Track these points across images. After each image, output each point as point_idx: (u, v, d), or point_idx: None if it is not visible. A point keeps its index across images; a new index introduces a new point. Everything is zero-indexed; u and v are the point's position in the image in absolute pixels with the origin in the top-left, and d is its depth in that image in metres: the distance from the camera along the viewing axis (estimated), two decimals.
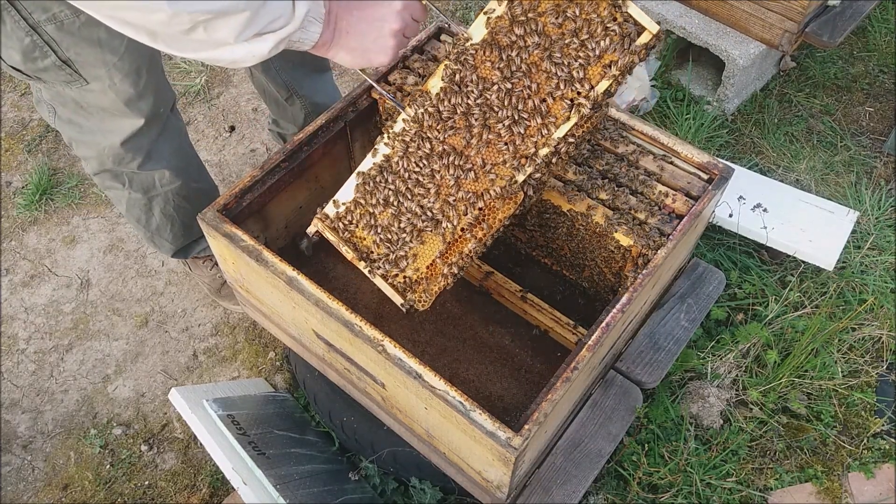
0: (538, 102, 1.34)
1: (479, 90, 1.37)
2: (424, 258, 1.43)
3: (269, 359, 2.19)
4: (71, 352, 2.24)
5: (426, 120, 1.41)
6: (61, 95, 1.59)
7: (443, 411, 1.30)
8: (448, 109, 1.39)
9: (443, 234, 1.41)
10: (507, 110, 1.36)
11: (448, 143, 1.40)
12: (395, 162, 1.44)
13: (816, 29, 2.39)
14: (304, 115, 2.27)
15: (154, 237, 2.01)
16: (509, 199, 1.40)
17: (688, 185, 1.60)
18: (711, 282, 2.00)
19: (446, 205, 1.41)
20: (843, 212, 2.24)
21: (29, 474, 2.02)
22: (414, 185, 1.42)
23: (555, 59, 1.32)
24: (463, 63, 1.38)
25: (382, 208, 1.45)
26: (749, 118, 2.64)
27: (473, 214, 1.39)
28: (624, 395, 1.82)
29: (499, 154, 1.38)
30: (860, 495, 1.83)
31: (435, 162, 1.40)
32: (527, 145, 1.36)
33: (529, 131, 1.36)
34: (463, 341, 1.79)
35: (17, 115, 2.86)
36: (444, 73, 1.39)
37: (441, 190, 1.41)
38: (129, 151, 1.73)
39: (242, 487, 1.54)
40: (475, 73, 1.37)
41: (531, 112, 1.35)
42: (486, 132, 1.37)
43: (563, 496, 1.66)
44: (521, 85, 1.35)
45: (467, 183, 1.39)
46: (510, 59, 1.35)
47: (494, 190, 1.37)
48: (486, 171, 1.38)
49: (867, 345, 2.06)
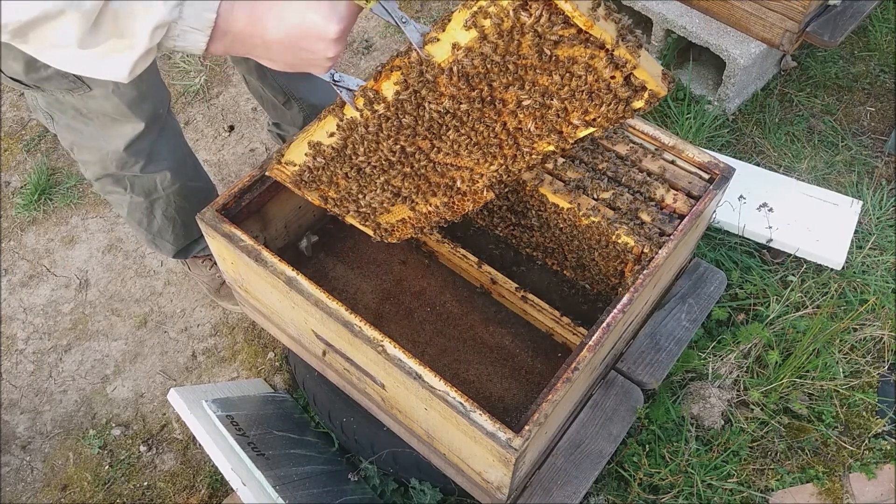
0: (509, 134, 1.21)
1: (440, 108, 1.20)
2: (394, 215, 1.43)
3: (269, 359, 2.18)
4: (70, 352, 2.23)
5: (382, 124, 1.28)
6: (60, 103, 1.58)
7: (443, 412, 1.29)
8: (408, 122, 1.25)
9: (409, 205, 1.40)
10: (472, 135, 1.22)
11: (411, 145, 1.30)
12: (355, 148, 1.34)
13: (817, 28, 2.38)
14: (303, 117, 2.26)
15: (155, 239, 2.00)
16: (477, 195, 1.35)
17: (689, 184, 1.60)
18: (713, 282, 2.00)
19: (412, 189, 1.37)
20: (847, 202, 2.26)
21: (28, 475, 2.02)
22: (375, 170, 1.37)
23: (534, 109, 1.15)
24: (423, 83, 1.18)
25: (345, 180, 1.41)
26: (750, 118, 2.63)
27: (442, 201, 1.36)
28: (625, 395, 1.81)
29: (467, 159, 1.28)
30: (861, 496, 1.82)
31: (398, 155, 1.32)
32: (496, 162, 1.27)
33: (498, 154, 1.25)
34: (463, 342, 1.79)
35: (16, 115, 2.85)
36: (401, 84, 1.20)
37: (406, 176, 1.35)
38: (132, 155, 1.72)
39: (241, 488, 1.53)
40: (437, 91, 1.19)
41: (501, 141, 1.22)
42: (450, 145, 1.26)
43: (564, 497, 1.66)
44: (489, 116, 1.19)
45: (433, 176, 1.33)
46: (482, 90, 1.16)
47: (458, 187, 1.33)
48: (451, 171, 1.31)
49: (868, 345, 2.05)
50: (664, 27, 2.60)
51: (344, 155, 1.36)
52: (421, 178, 1.35)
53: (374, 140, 1.31)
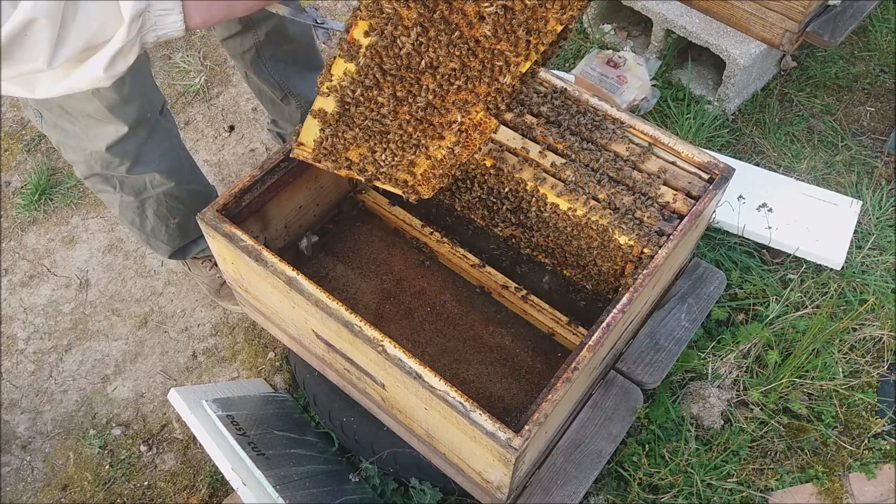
0: (485, 50, 1.25)
1: (411, 40, 1.25)
2: (417, 168, 1.44)
3: (269, 359, 2.18)
4: (70, 352, 2.24)
5: (367, 72, 1.32)
6: (47, 101, 1.58)
7: (443, 412, 1.30)
8: (389, 66, 1.30)
9: (424, 153, 1.41)
10: (449, 62, 1.27)
11: (400, 90, 1.34)
12: (354, 106, 1.39)
13: (817, 28, 2.38)
14: (301, 113, 2.26)
15: (149, 239, 2.00)
16: (482, 125, 1.37)
17: (688, 184, 1.60)
18: (712, 282, 2.00)
19: (420, 135, 1.39)
20: (847, 202, 2.27)
21: (28, 475, 2.02)
22: (377, 123, 1.40)
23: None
24: (387, 20, 1.25)
25: (355, 142, 1.44)
26: (750, 118, 2.63)
27: (452, 141, 1.38)
28: (624, 395, 1.82)
29: (454, 89, 1.31)
30: (861, 496, 1.82)
31: (391, 103, 1.36)
32: (483, 83, 1.30)
33: (483, 74, 1.28)
34: (463, 341, 1.79)
35: (16, 115, 2.85)
36: (368, 27, 1.27)
37: (407, 123, 1.38)
38: (115, 156, 1.71)
39: (242, 488, 1.53)
40: (403, 25, 1.25)
41: (480, 58, 1.26)
42: (433, 79, 1.30)
43: (564, 497, 1.66)
44: (459, 37, 1.24)
45: (434, 117, 1.36)
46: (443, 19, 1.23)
47: (460, 121, 1.35)
48: (448, 109, 1.35)
49: (868, 345, 2.05)
50: (664, 27, 2.60)
51: (347, 117, 1.40)
52: (422, 121, 1.38)
53: (364, 93, 1.35)
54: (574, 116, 1.69)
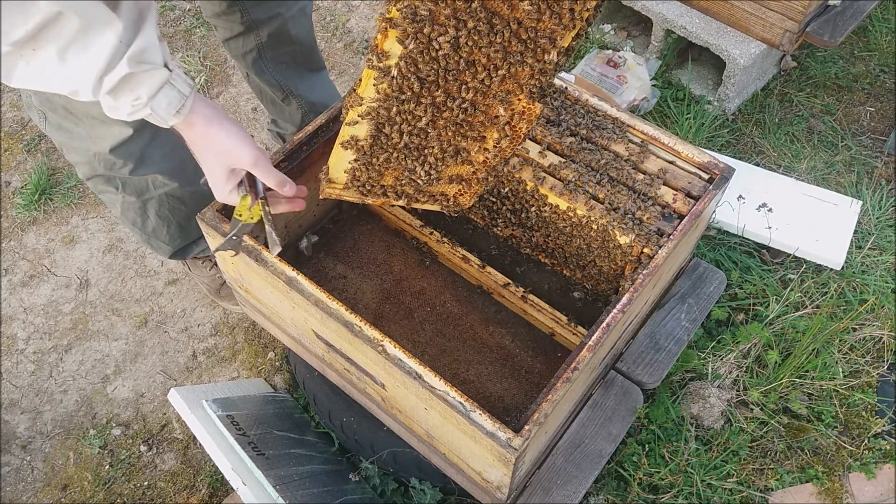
0: (526, 31, 1.19)
1: (448, 38, 1.18)
2: (456, 174, 1.40)
3: (269, 359, 2.18)
4: (70, 352, 2.24)
5: (403, 88, 1.25)
6: (51, 101, 1.58)
7: (443, 412, 1.30)
8: (426, 72, 1.23)
9: (464, 158, 1.37)
10: (491, 53, 1.21)
11: (440, 95, 1.27)
12: (388, 127, 1.32)
13: (817, 28, 2.38)
14: (301, 114, 2.27)
15: (150, 239, 2.00)
16: (526, 113, 1.32)
17: (688, 184, 1.60)
18: (712, 282, 2.00)
19: (459, 139, 1.34)
20: (847, 202, 2.27)
21: (28, 474, 2.02)
22: (416, 139, 1.34)
23: None
24: (422, 21, 1.17)
25: (393, 163, 1.37)
26: (750, 118, 2.64)
27: (494, 138, 1.34)
28: (624, 395, 1.82)
29: (497, 80, 1.25)
30: (861, 495, 1.82)
31: (430, 112, 1.30)
32: (525, 69, 1.24)
33: (525, 58, 1.23)
34: (463, 341, 1.79)
35: (17, 115, 2.85)
36: (402, 33, 1.19)
37: (446, 129, 1.33)
38: (119, 157, 1.71)
39: (242, 488, 1.53)
40: (439, 23, 1.18)
41: (520, 43, 1.20)
42: (473, 75, 1.24)
43: (564, 497, 1.66)
44: (498, 24, 1.18)
45: (475, 117, 1.31)
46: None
47: (501, 115, 1.30)
48: (489, 103, 1.29)
49: (868, 345, 2.05)
50: (664, 27, 2.60)
51: (381, 139, 1.33)
52: (462, 125, 1.32)
53: (400, 108, 1.28)
54: (574, 116, 1.69)
